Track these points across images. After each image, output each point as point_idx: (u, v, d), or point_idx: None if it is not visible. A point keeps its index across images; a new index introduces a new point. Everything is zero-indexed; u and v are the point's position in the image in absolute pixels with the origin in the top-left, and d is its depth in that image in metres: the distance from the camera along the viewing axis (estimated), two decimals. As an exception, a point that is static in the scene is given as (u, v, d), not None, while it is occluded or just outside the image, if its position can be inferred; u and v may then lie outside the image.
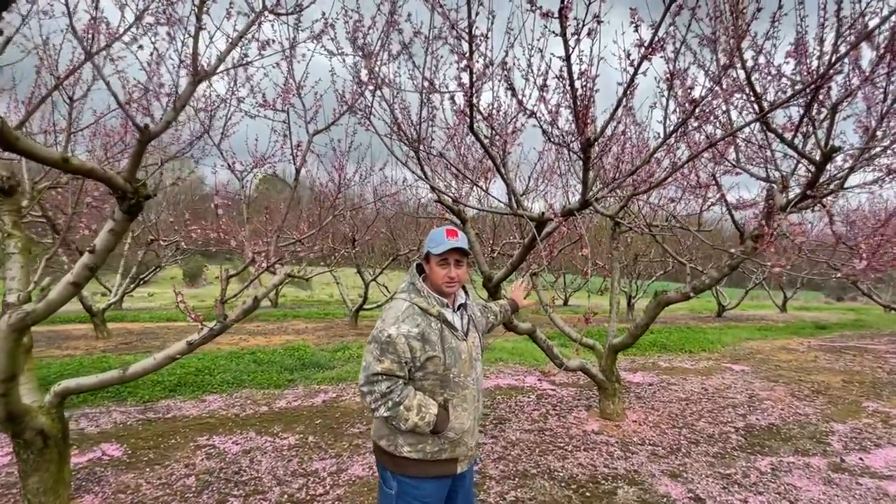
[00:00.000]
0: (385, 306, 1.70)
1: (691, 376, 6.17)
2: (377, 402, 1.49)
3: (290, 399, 4.74)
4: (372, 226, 7.28)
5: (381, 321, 1.56)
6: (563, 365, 4.07)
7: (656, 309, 3.75)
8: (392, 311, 1.57)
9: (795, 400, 5.18)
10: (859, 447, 3.86)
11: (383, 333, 1.50)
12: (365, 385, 1.52)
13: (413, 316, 1.56)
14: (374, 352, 1.51)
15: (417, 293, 1.62)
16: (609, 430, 4.04)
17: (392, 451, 1.58)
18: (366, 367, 1.53)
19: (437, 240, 1.62)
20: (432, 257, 1.62)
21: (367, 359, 1.53)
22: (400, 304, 1.59)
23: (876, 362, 7.54)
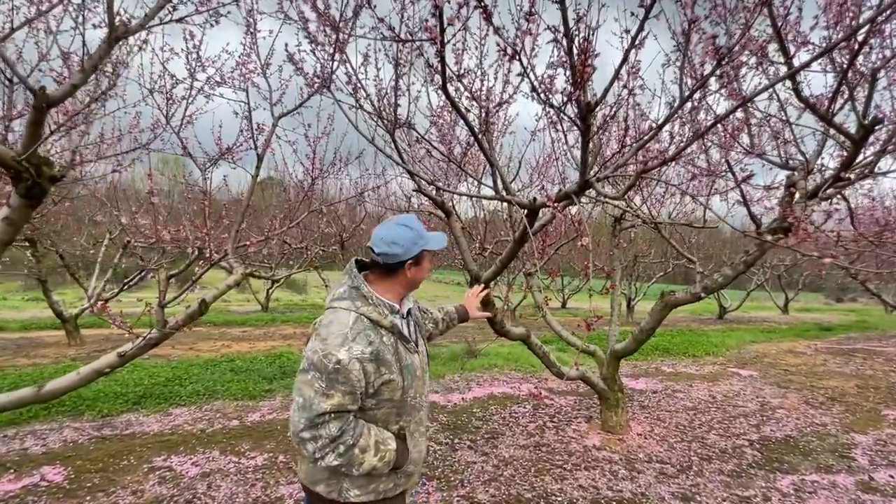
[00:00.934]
0: (321, 321, 1.30)
1: (697, 382, 5.81)
2: (324, 449, 1.17)
3: (265, 411, 4.36)
4: (358, 226, 6.89)
5: (321, 341, 1.20)
6: (561, 374, 3.71)
7: (663, 311, 3.39)
8: (336, 328, 1.22)
9: (810, 408, 4.82)
10: (887, 462, 3.50)
11: (329, 359, 1.16)
12: (306, 430, 1.16)
13: (364, 332, 1.24)
14: (316, 384, 1.16)
15: (364, 300, 1.28)
16: (612, 445, 3.67)
17: (335, 497, 1.27)
18: (305, 405, 1.17)
19: (432, 235, 1.39)
20: (425, 255, 1.37)
21: (304, 393, 1.18)
22: (344, 317, 1.24)
23: (888, 366, 7.20)
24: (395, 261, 1.31)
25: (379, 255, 1.30)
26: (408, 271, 1.35)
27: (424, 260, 1.39)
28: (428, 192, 2.84)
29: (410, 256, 1.32)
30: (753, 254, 3.06)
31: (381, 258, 1.30)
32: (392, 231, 1.31)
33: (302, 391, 1.18)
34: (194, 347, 7.29)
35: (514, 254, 2.31)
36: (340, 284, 1.33)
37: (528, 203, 1.97)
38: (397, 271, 1.34)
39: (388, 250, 1.29)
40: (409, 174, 2.77)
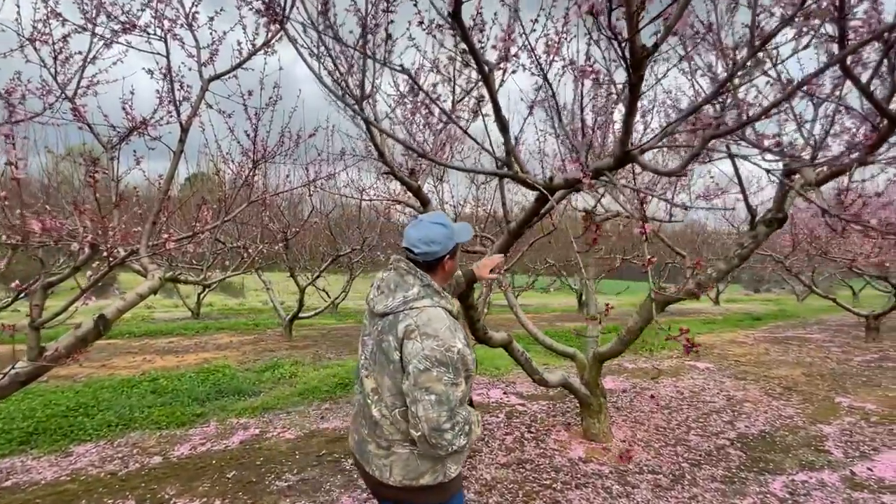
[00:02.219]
0: (418, 322, 1.29)
1: (661, 378, 5.77)
2: (459, 434, 1.27)
3: (196, 442, 3.64)
4: (306, 221, 6.21)
5: (434, 339, 1.26)
6: (544, 381, 3.37)
7: (652, 308, 3.15)
8: (439, 323, 1.30)
9: (772, 400, 4.88)
10: (859, 453, 3.51)
11: (452, 350, 1.26)
12: (447, 421, 1.24)
13: (455, 322, 1.36)
14: (445, 377, 1.25)
15: (439, 295, 1.38)
16: (598, 456, 3.39)
17: (441, 480, 1.36)
18: (441, 399, 1.23)
19: (459, 227, 1.48)
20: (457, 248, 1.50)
21: (436, 389, 1.24)
22: (435, 313, 1.32)
23: (822, 353, 7.67)
24: (434, 258, 1.40)
25: (419, 254, 1.38)
26: (445, 265, 1.44)
27: (457, 253, 1.50)
28: (403, 177, 2.35)
29: (447, 252, 1.42)
30: (749, 246, 2.89)
31: (422, 257, 1.39)
32: (429, 231, 1.38)
33: (432, 388, 1.23)
34: (108, 364, 6.24)
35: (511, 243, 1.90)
36: (408, 285, 1.36)
37: (544, 183, 1.56)
38: (436, 266, 1.43)
39: (428, 249, 1.38)
40: (381, 157, 2.27)
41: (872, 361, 6.92)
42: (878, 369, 6.41)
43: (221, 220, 2.84)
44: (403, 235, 1.43)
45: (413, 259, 1.40)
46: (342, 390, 4.98)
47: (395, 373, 1.31)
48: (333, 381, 5.19)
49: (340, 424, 4.03)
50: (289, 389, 5.00)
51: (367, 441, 1.39)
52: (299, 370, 5.80)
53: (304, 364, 6.23)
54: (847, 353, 7.64)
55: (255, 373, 5.70)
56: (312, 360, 6.53)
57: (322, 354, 7.03)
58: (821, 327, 11.15)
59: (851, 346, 8.19)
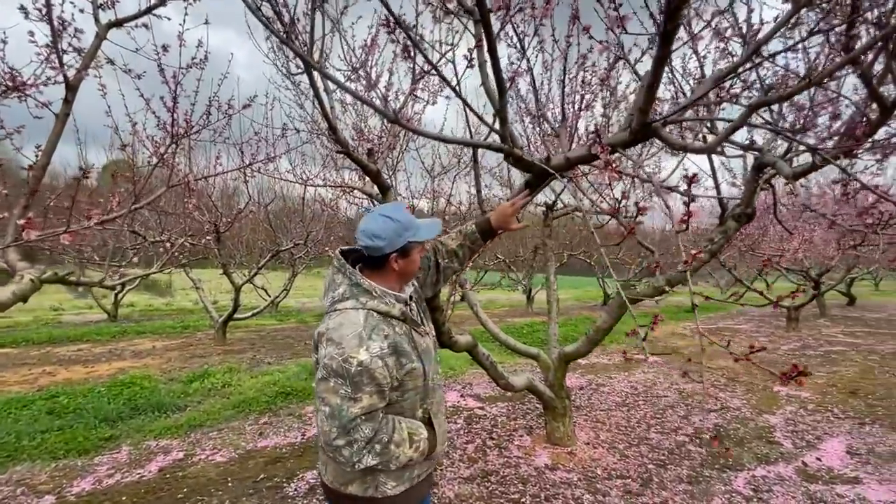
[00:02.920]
0: (328, 326, 1.17)
1: (614, 374, 5.80)
2: (360, 452, 1.14)
3: (103, 473, 3.05)
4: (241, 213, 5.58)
5: (337, 346, 1.13)
6: (509, 385, 3.14)
7: (623, 306, 3.01)
8: (348, 329, 1.15)
9: (719, 391, 5.03)
10: (806, 443, 3.62)
11: (350, 363, 1.11)
12: (340, 437, 1.12)
13: (378, 327, 1.19)
14: (342, 390, 1.12)
15: (368, 295, 1.22)
16: (564, 462, 3.23)
17: (371, 494, 1.23)
18: (334, 413, 1.12)
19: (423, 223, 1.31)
20: (414, 246, 1.29)
21: (330, 402, 1.13)
22: (353, 316, 1.18)
23: (749, 342, 8.15)
24: (378, 254, 1.25)
25: (364, 248, 1.25)
26: (394, 264, 1.27)
27: (413, 251, 1.30)
28: (359, 158, 1.98)
29: (394, 249, 1.25)
30: (719, 242, 2.82)
31: (367, 251, 1.25)
32: (374, 223, 1.24)
33: (327, 400, 1.14)
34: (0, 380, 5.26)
35: None
36: (336, 284, 1.26)
37: (541, 161, 1.28)
38: (384, 265, 1.28)
39: (370, 243, 1.23)
40: (331, 129, 1.89)
41: (797, 349, 7.46)
42: (802, 357, 6.90)
43: (130, 207, 2.31)
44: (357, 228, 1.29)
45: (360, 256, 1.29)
46: (283, 400, 4.49)
47: None
48: (273, 389, 4.68)
49: (282, 441, 3.57)
50: (221, 402, 4.43)
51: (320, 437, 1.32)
52: (234, 378, 5.20)
53: (240, 371, 5.62)
54: (773, 342, 8.20)
55: (181, 383, 5.03)
56: (249, 367, 5.92)
57: (260, 359, 6.41)
58: (745, 318, 12.03)
59: (776, 336, 8.83)
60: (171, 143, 2.37)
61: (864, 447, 3.54)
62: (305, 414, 4.16)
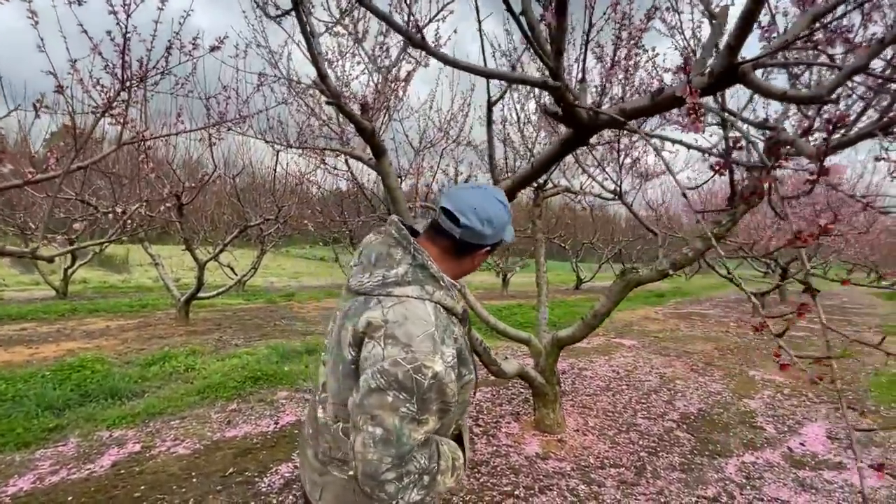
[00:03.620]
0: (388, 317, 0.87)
1: (594, 357, 5.77)
2: (409, 487, 0.88)
3: (45, 470, 2.70)
4: (206, 182, 5.12)
5: (403, 348, 0.87)
6: (502, 372, 2.97)
7: (623, 291, 2.87)
8: (418, 326, 0.89)
9: (698, 375, 5.06)
10: (787, 428, 3.65)
11: (425, 372, 0.86)
12: (391, 470, 0.86)
13: (449, 328, 0.95)
14: (403, 408, 0.86)
15: (435, 283, 0.97)
16: (555, 450, 3.11)
17: None
18: (389, 438, 0.85)
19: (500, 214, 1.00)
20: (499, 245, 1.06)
21: (386, 423, 0.86)
22: (421, 309, 0.92)
23: (722, 327, 8.39)
24: (477, 242, 1.00)
25: (463, 227, 0.96)
26: (479, 257, 1.05)
27: (495, 250, 1.09)
28: (352, 113, 1.69)
29: (494, 242, 1.02)
30: (726, 224, 2.69)
31: (462, 233, 0.97)
32: (490, 206, 0.98)
33: (380, 419, 0.86)
34: (-81, 362, 4.68)
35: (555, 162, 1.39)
36: (392, 260, 0.96)
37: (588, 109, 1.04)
38: (469, 254, 1.03)
39: (478, 227, 0.97)
40: (319, 75, 1.59)
41: (763, 335, 7.67)
42: (770, 342, 7.09)
43: (69, 166, 1.94)
44: (448, 196, 1.00)
45: (442, 229, 0.99)
46: (253, 385, 4.18)
47: (344, 377, 0.97)
48: (241, 374, 4.35)
49: (253, 430, 3.29)
50: (183, 387, 4.08)
51: (307, 445, 1.10)
52: (198, 362, 4.83)
53: (205, 354, 5.24)
54: (742, 326, 8.44)
55: (139, 367, 4.62)
56: (215, 349, 5.54)
57: (227, 341, 6.03)
58: (712, 303, 12.41)
59: (743, 321, 9.10)
60: (121, 90, 1.99)
61: (842, 431, 3.59)
62: (278, 400, 3.88)
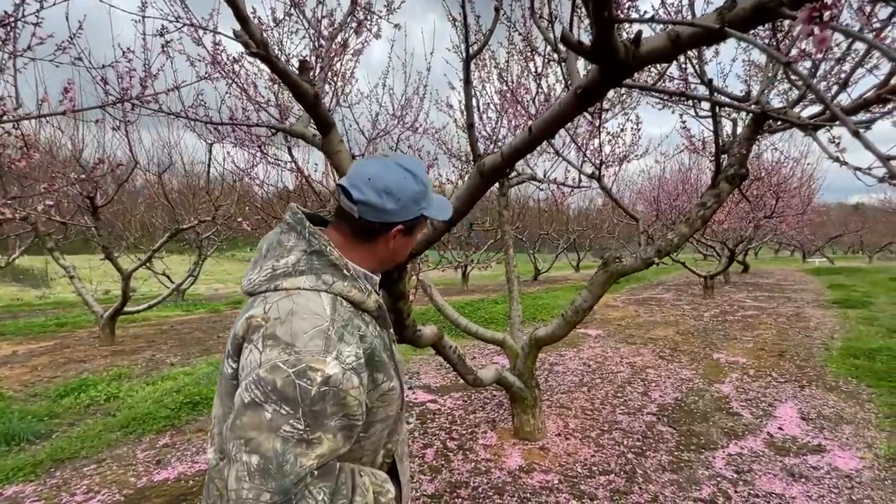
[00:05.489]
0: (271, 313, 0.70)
1: (563, 350, 5.62)
2: None
3: None
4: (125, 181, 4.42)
5: (286, 349, 0.71)
6: (478, 381, 2.65)
7: (607, 282, 2.63)
8: (305, 322, 0.73)
9: (666, 362, 5.02)
10: (762, 411, 3.61)
11: (312, 377, 0.69)
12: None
13: (351, 323, 0.79)
14: (286, 426, 0.68)
15: (335, 271, 0.81)
16: (538, 460, 2.84)
17: None
18: (268, 467, 0.67)
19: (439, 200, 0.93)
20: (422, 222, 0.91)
21: (262, 447, 0.68)
22: (314, 302, 0.76)
23: (677, 311, 8.57)
24: (381, 220, 0.84)
25: (359, 203, 0.82)
26: (392, 240, 0.88)
27: (416, 230, 0.92)
28: (286, 70, 1.28)
29: (405, 220, 0.86)
30: (711, 206, 2.51)
31: (360, 210, 0.82)
32: (390, 174, 0.83)
33: (256, 444, 0.68)
34: None
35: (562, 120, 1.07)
36: (282, 249, 0.82)
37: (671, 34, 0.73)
38: (377, 236, 0.86)
39: (376, 201, 0.82)
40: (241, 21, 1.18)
41: (718, 316, 7.90)
42: (725, 323, 7.29)
43: None
44: (348, 173, 0.86)
45: (343, 211, 0.85)
46: (190, 412, 3.62)
47: (225, 396, 0.80)
48: (176, 399, 3.77)
49: (188, 469, 2.78)
50: (102, 422, 3.45)
51: (203, 494, 0.89)
52: (123, 388, 4.16)
53: (132, 378, 4.56)
54: (696, 309, 8.67)
55: (48, 400, 3.91)
56: (145, 371, 4.85)
57: (161, 360, 5.33)
58: (664, 287, 12.81)
59: (697, 303, 9.38)
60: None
61: (812, 411, 3.59)
62: (220, 428, 3.36)
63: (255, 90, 3.24)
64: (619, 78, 0.84)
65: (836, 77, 2.57)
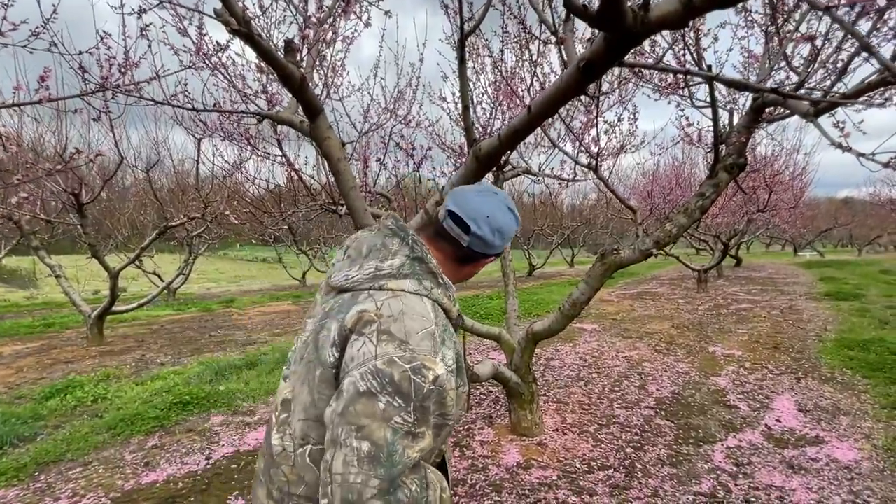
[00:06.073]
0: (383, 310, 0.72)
1: (559, 345, 5.58)
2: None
3: None
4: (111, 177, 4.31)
5: (400, 346, 0.75)
6: (476, 376, 2.60)
7: (604, 275, 2.59)
8: (416, 322, 0.78)
9: (662, 356, 5.00)
10: (759, 404, 3.60)
11: (425, 375, 0.74)
12: (377, 497, 0.69)
13: (448, 329, 0.83)
14: (398, 418, 0.72)
15: (434, 280, 0.86)
16: (536, 456, 2.80)
17: None
18: (377, 455, 0.70)
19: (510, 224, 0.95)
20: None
21: (374, 435, 0.71)
22: (419, 305, 0.81)
23: (671, 305, 8.58)
24: (484, 251, 0.92)
25: (473, 235, 0.89)
26: (478, 266, 1.00)
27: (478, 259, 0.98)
28: (270, 50, 1.21)
29: (499, 253, 0.96)
30: (710, 196, 2.47)
31: (471, 241, 0.90)
32: (503, 216, 0.93)
33: (369, 431, 0.71)
34: None
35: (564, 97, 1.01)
36: (387, 251, 0.86)
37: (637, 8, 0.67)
38: (472, 262, 0.97)
39: (489, 238, 0.91)
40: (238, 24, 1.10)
41: (712, 310, 7.92)
42: (719, 316, 7.31)
43: None
44: (456, 199, 0.91)
45: (442, 234, 0.91)
46: (180, 412, 3.54)
47: (320, 383, 0.80)
48: (166, 399, 3.68)
49: (177, 471, 2.71)
50: (89, 423, 3.36)
51: (258, 482, 0.90)
52: (111, 389, 4.07)
53: (121, 378, 4.46)
54: (690, 303, 8.69)
55: (33, 402, 3.81)
56: (134, 371, 4.75)
57: (150, 360, 5.23)
58: (658, 282, 12.85)
59: (691, 297, 9.41)
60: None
61: (809, 403, 3.59)
62: (210, 428, 3.28)
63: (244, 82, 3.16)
64: (626, 47, 0.78)
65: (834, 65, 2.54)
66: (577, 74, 0.87)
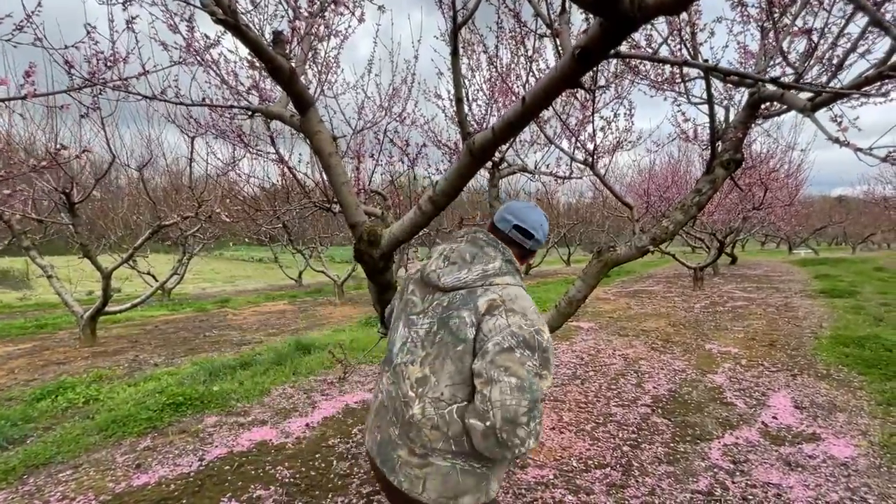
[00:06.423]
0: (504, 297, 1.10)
1: (556, 343, 5.57)
2: (531, 435, 1.03)
3: None
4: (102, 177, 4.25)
5: (523, 317, 1.08)
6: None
7: (601, 272, 2.57)
8: (527, 303, 1.14)
9: (659, 354, 4.99)
10: (755, 401, 3.59)
11: (542, 336, 1.09)
12: (526, 414, 1.01)
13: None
14: (528, 363, 1.05)
15: (519, 274, 1.23)
16: (532, 454, 2.78)
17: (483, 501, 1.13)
18: (523, 385, 1.02)
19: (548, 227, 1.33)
20: None
21: (519, 373, 1.03)
22: (521, 292, 1.17)
23: (667, 302, 8.59)
24: (534, 249, 1.29)
25: (534, 241, 1.27)
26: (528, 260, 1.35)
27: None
28: (259, 42, 1.18)
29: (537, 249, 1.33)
30: (707, 192, 2.45)
31: (532, 244, 1.27)
32: (545, 222, 1.30)
33: (514, 370, 1.04)
34: None
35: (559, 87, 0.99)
36: (488, 257, 1.19)
37: None
38: (527, 257, 1.31)
39: (542, 239, 1.29)
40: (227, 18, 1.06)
41: (708, 307, 7.94)
42: (716, 314, 7.32)
43: None
44: (516, 215, 1.26)
45: (507, 240, 1.25)
46: (173, 413, 3.50)
47: (463, 354, 1.09)
48: (159, 400, 3.64)
49: (169, 473, 2.67)
50: (81, 425, 3.31)
51: (395, 444, 1.16)
52: (103, 390, 4.02)
53: (113, 379, 4.41)
54: (686, 300, 8.70)
55: (23, 404, 3.75)
56: (127, 372, 4.70)
57: (144, 360, 5.17)
58: (655, 280, 12.87)
59: (687, 295, 9.42)
60: None
61: (805, 399, 3.59)
62: (204, 429, 3.24)
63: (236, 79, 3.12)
64: (623, 34, 0.75)
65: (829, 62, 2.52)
66: (572, 63, 0.84)
